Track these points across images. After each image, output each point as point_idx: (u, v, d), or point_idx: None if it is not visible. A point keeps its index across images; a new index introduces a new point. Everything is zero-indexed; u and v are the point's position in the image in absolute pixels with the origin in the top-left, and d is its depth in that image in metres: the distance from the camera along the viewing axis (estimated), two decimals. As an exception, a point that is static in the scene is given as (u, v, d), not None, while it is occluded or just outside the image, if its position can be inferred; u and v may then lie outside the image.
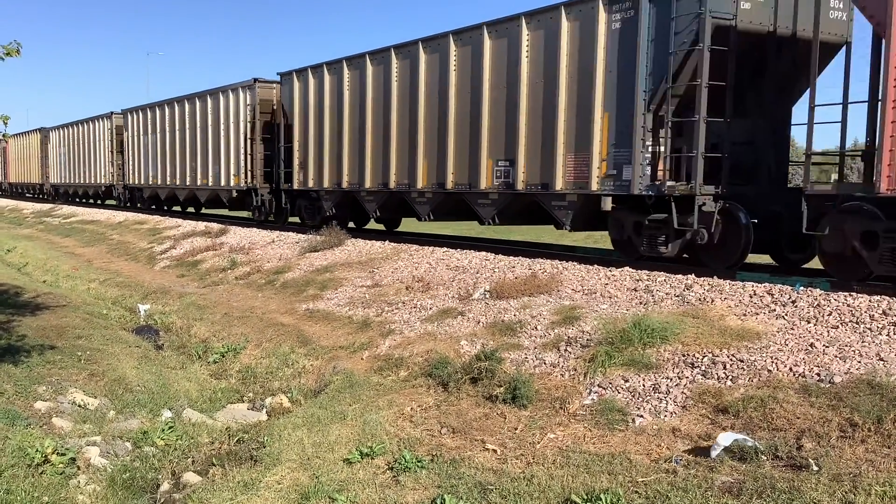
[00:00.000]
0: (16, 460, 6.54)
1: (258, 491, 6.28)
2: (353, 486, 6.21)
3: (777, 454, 5.40)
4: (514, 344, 8.57)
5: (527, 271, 11.26)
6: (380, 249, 14.90)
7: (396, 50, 15.60)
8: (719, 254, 10.57)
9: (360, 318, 11.01)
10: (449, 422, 7.20)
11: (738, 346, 7.19)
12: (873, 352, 6.61)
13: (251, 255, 17.26)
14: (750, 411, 6.08)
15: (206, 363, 11.23)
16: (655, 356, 7.36)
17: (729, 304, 8.37)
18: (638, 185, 10.73)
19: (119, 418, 8.42)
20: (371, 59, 16.36)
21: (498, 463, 6.25)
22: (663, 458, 5.79)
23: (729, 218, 10.32)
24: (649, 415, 6.53)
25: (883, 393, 5.79)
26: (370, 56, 16.36)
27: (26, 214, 37.72)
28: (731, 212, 10.29)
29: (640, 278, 10.03)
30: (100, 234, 26.47)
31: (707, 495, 5.10)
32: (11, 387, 8.52)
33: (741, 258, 10.43)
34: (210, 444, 7.88)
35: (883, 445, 5.28)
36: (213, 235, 20.79)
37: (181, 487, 6.90)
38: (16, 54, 8.12)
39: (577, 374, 7.47)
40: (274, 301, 13.19)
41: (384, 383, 8.60)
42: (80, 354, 10.21)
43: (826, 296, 8.11)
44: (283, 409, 8.85)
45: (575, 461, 5.95)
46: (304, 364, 10.04)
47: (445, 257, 13.24)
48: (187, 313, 13.59)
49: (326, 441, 7.13)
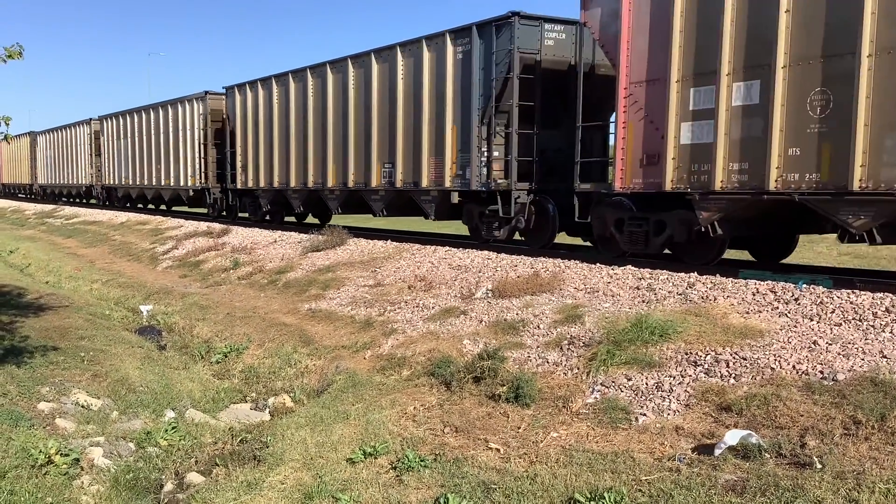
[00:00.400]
0: (19, 461, 6.55)
1: (262, 491, 6.28)
2: (356, 486, 6.21)
3: (781, 452, 5.39)
4: (516, 343, 8.56)
5: (529, 270, 11.26)
6: (382, 249, 14.90)
7: (311, 70, 18.45)
8: (536, 236, 13.48)
9: (363, 317, 11.01)
10: (452, 421, 7.20)
11: (741, 344, 7.18)
12: (876, 349, 6.60)
13: (253, 255, 17.27)
14: (753, 409, 6.08)
15: (208, 363, 11.24)
16: (658, 354, 7.35)
17: (732, 302, 8.36)
18: (475, 182, 13.59)
19: (122, 419, 8.43)
20: (293, 77, 19.27)
21: (501, 462, 6.25)
22: (667, 457, 5.78)
23: (540, 208, 13.23)
24: (652, 413, 6.52)
25: (886, 390, 5.79)
26: (292, 74, 19.27)
27: (28, 215, 37.78)
28: (541, 203, 13.20)
29: (642, 276, 10.02)
30: (102, 235, 26.51)
31: (711, 493, 5.09)
32: (15, 388, 8.53)
33: (550, 240, 13.41)
34: (213, 445, 7.88)
35: (886, 443, 5.27)
36: (215, 236, 20.81)
37: (185, 487, 6.90)
38: (18, 56, 8.12)
39: (580, 373, 7.47)
40: (276, 301, 13.20)
41: (387, 383, 8.60)
42: (83, 355, 10.22)
43: (829, 293, 8.10)
44: (286, 408, 8.85)
45: (578, 460, 5.95)
46: (306, 364, 10.05)
47: (448, 256, 13.24)
48: (190, 313, 13.60)
49: (329, 441, 7.13)
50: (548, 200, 13.05)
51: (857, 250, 17.06)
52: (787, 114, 8.99)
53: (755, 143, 9.29)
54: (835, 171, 8.55)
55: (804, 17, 8.76)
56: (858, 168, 8.35)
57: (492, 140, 13.37)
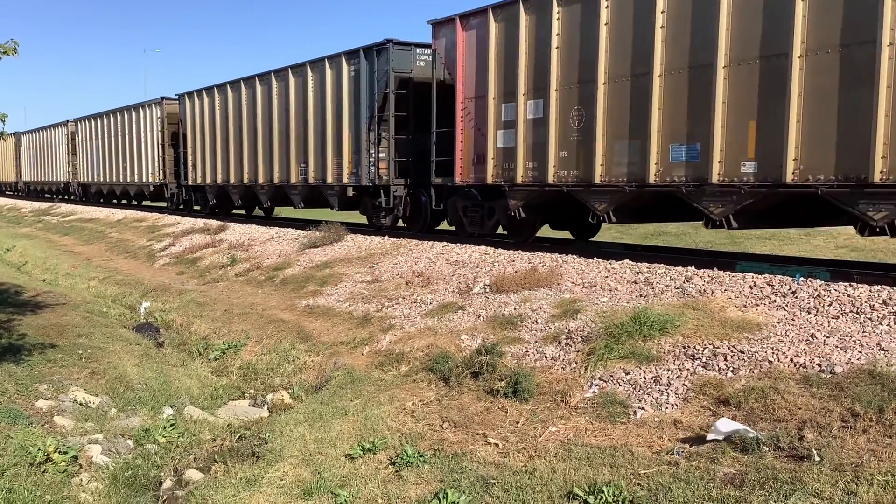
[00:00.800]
0: (18, 459, 6.55)
1: (260, 487, 6.28)
2: (355, 481, 6.22)
3: (779, 445, 5.40)
4: (514, 338, 8.57)
5: (526, 265, 11.26)
6: (379, 245, 14.89)
7: (244, 81, 21.45)
8: (415, 223, 16.25)
9: (361, 313, 11.01)
10: (450, 416, 7.20)
11: (738, 338, 7.19)
12: (874, 342, 6.61)
13: (251, 252, 17.25)
14: (751, 402, 6.08)
15: (206, 360, 11.23)
16: (656, 348, 7.36)
17: (729, 296, 8.37)
18: (365, 179, 16.45)
19: (120, 416, 8.43)
20: (230, 87, 22.29)
21: (500, 457, 6.26)
22: (665, 450, 5.79)
23: (415, 199, 15.88)
24: (650, 407, 6.53)
25: (884, 383, 5.79)
26: (230, 85, 22.32)
27: (25, 213, 37.72)
28: (416, 195, 15.79)
29: (639, 271, 10.02)
30: (98, 232, 26.46)
31: (709, 487, 5.10)
32: (13, 385, 8.52)
33: (425, 226, 15.82)
34: (212, 441, 7.89)
35: (885, 435, 5.28)
36: (212, 232, 20.78)
37: (183, 484, 6.90)
38: (13, 53, 8.09)
39: (578, 367, 7.47)
40: (274, 297, 13.19)
41: (385, 378, 8.60)
42: (80, 353, 10.21)
43: (826, 286, 8.10)
44: (285, 405, 8.85)
45: (577, 454, 5.96)
46: (304, 360, 10.04)
47: (445, 252, 13.24)
48: (187, 310, 13.59)
49: (328, 437, 7.13)
50: (422, 193, 15.54)
51: (854, 243, 17.10)
52: (558, 125, 11.78)
53: (541, 147, 12.07)
54: (586, 168, 11.34)
55: (567, 53, 11.54)
56: (599, 166, 11.16)
57: (378, 144, 16.09)
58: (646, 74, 10.27)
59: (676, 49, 9.96)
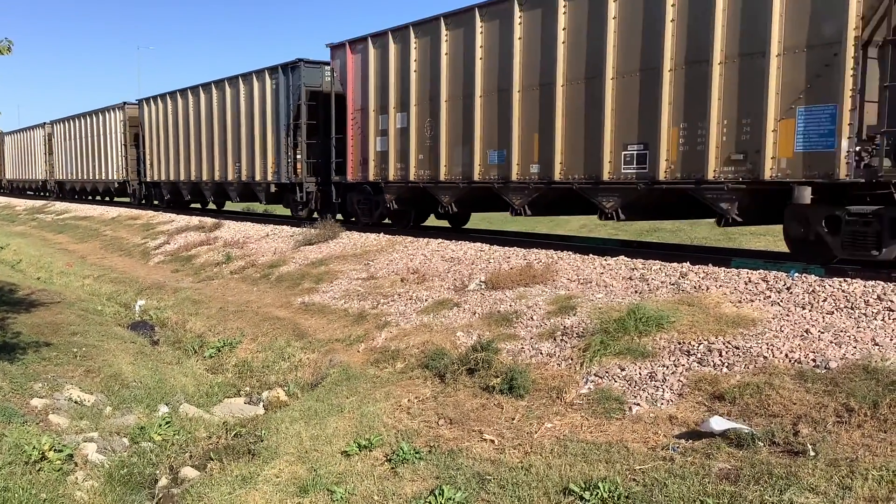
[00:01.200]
0: (13, 457, 6.53)
1: (256, 485, 6.28)
2: (351, 479, 6.22)
3: (774, 440, 5.42)
4: (510, 334, 8.57)
5: (522, 262, 11.26)
6: (374, 242, 14.88)
7: (191, 90, 24.42)
8: (324, 214, 18.29)
9: (356, 310, 11.00)
10: (446, 413, 7.21)
11: (733, 334, 7.20)
12: (868, 337, 6.63)
13: (246, 250, 17.22)
14: (746, 398, 6.10)
15: (202, 358, 11.21)
16: (651, 344, 7.37)
17: (724, 292, 8.38)
18: (284, 177, 19.33)
19: (116, 414, 8.41)
20: (180, 95, 25.20)
21: (496, 453, 6.26)
22: (660, 446, 5.80)
23: (325, 195, 18.34)
24: (646, 403, 6.54)
25: (878, 378, 5.81)
26: (179, 92, 25.20)
27: (19, 211, 37.59)
28: (326, 191, 18.16)
29: (635, 267, 10.03)
30: (93, 231, 26.37)
31: (704, 482, 5.11)
32: (7, 384, 8.49)
33: (334, 216, 17.80)
34: (207, 439, 7.87)
35: (879, 430, 5.30)
36: (207, 230, 20.73)
37: (179, 482, 6.89)
38: (7, 52, 8.09)
39: (574, 364, 7.48)
40: (269, 295, 13.17)
41: (381, 375, 8.60)
42: (75, 351, 10.19)
43: (821, 282, 8.12)
44: (280, 402, 8.84)
45: (572, 450, 5.96)
46: (300, 357, 10.03)
47: (440, 248, 13.23)
48: (182, 308, 13.56)
49: (324, 434, 7.13)
50: (330, 189, 18.00)
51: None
52: (417, 134, 14.65)
53: (406, 152, 14.90)
54: (435, 169, 14.21)
55: (422, 76, 14.43)
56: (444, 167, 14.00)
57: (295, 147, 18.91)
58: (470, 96, 13.32)
59: (491, 77, 12.91)
